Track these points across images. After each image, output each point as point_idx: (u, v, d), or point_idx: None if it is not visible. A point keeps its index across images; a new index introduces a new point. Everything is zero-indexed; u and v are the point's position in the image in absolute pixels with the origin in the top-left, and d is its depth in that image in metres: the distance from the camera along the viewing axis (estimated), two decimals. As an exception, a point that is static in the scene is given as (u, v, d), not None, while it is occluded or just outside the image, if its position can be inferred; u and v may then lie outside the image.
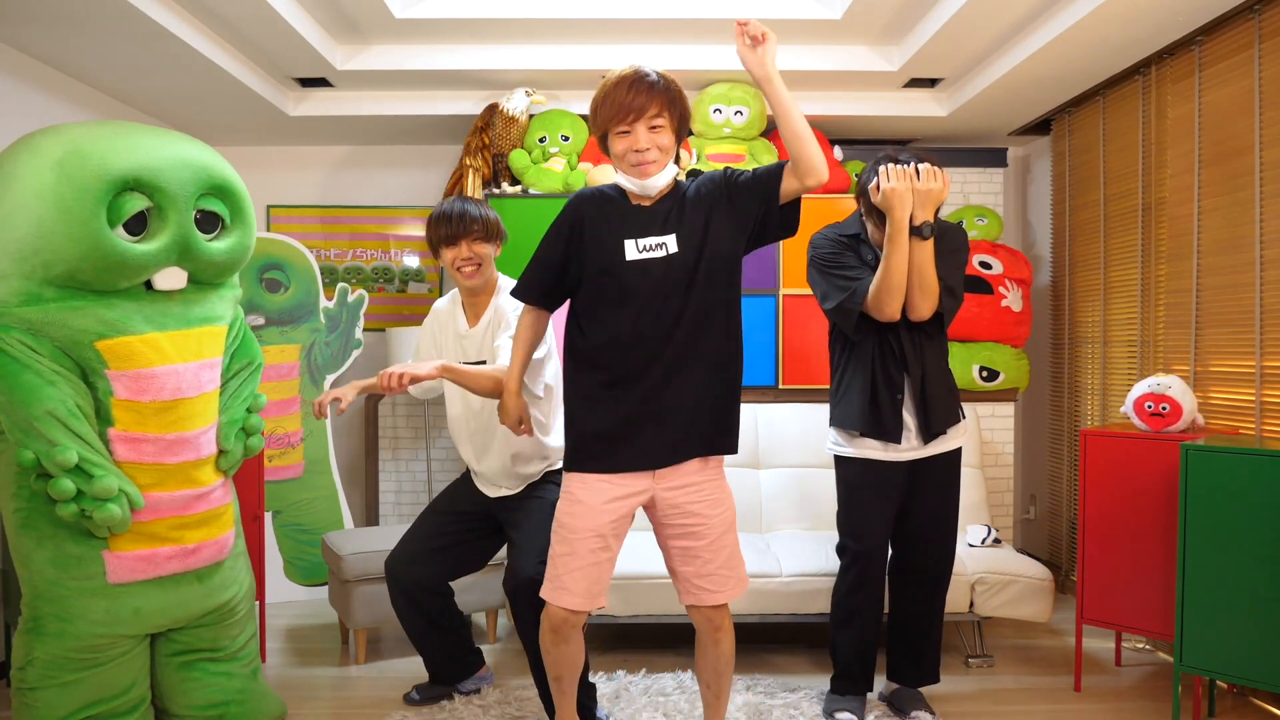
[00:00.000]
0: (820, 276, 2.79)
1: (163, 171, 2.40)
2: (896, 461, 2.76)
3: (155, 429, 2.43)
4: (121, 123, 2.54)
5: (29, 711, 2.38)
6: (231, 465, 2.64)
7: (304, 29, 3.46)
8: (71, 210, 2.26)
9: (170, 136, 2.55)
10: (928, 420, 2.72)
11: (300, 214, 4.84)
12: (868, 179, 2.69)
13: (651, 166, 2.16)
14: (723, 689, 2.36)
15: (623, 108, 2.12)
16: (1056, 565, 4.37)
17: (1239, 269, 3.18)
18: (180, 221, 2.43)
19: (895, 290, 2.61)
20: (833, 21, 3.62)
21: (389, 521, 4.72)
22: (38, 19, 3.01)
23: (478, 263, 2.72)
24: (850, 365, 2.80)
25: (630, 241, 2.18)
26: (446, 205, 2.75)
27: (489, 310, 2.77)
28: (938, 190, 2.60)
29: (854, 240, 2.80)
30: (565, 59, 3.91)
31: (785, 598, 3.24)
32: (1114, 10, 3.07)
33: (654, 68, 2.19)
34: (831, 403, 2.88)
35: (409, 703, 2.98)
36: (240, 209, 2.63)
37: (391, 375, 2.41)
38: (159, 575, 2.46)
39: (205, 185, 2.50)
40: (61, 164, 2.29)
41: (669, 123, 2.15)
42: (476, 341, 2.77)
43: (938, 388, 2.75)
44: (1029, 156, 4.92)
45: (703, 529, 2.22)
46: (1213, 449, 2.70)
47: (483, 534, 2.86)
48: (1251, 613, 2.61)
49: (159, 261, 2.42)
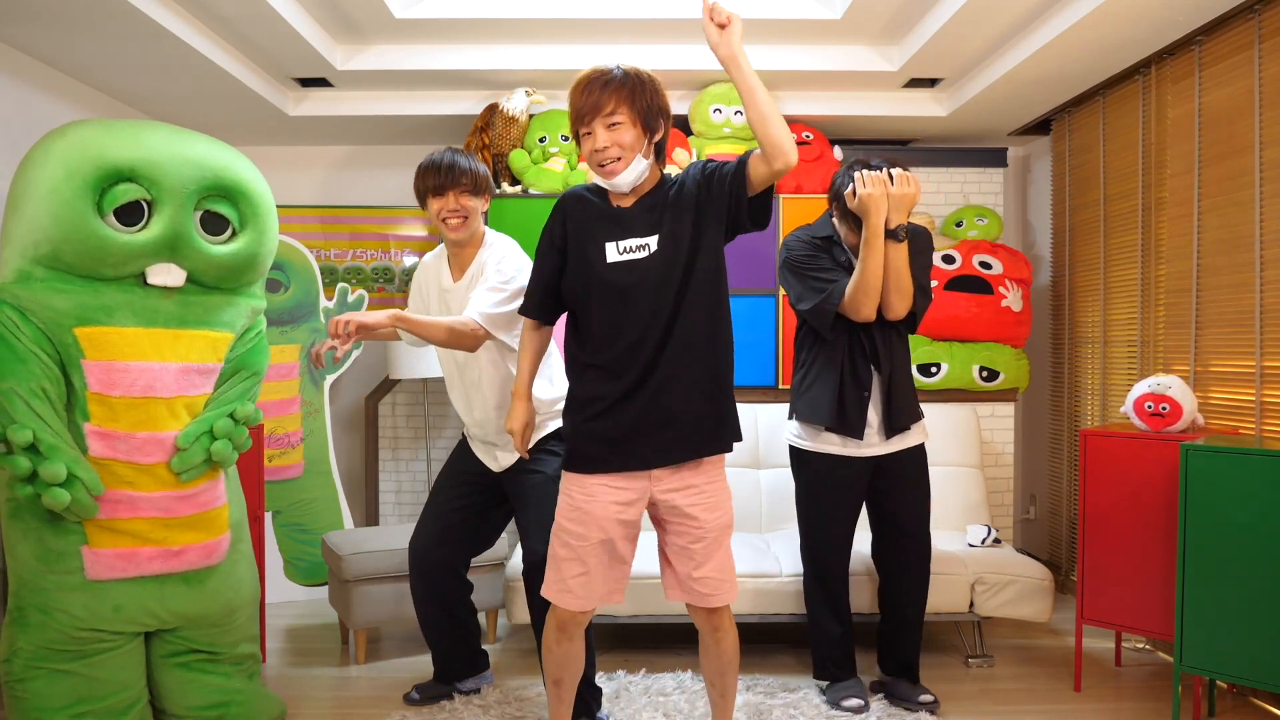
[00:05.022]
0: (794, 278, 2.86)
1: (162, 165, 2.42)
2: (857, 457, 2.83)
3: (126, 426, 2.43)
4: (147, 123, 2.56)
5: (20, 704, 2.39)
6: (186, 468, 2.49)
7: (304, 29, 3.46)
8: (60, 191, 2.33)
9: (190, 138, 2.56)
10: (891, 417, 2.81)
11: (300, 214, 4.83)
12: (842, 184, 2.77)
13: (616, 164, 2.13)
14: (727, 688, 2.36)
15: (578, 110, 2.13)
16: (1056, 565, 4.37)
17: (1239, 269, 3.18)
18: (175, 217, 2.44)
19: (872, 293, 2.70)
20: (833, 21, 3.62)
21: (389, 521, 4.72)
22: (38, 19, 3.01)
23: (464, 215, 2.70)
24: (818, 361, 2.87)
25: (611, 244, 2.18)
26: (436, 155, 2.72)
27: (473, 264, 2.74)
28: (911, 194, 2.68)
29: (826, 242, 2.88)
30: (565, 59, 3.91)
31: (785, 598, 3.24)
32: (1114, 10, 3.07)
33: (623, 64, 2.16)
34: (794, 395, 2.94)
35: (409, 703, 2.98)
36: (254, 214, 2.61)
37: (339, 322, 2.39)
38: (140, 575, 2.45)
39: (211, 186, 2.50)
40: (63, 150, 2.37)
41: (629, 117, 2.11)
42: (460, 295, 2.73)
43: (902, 385, 2.85)
44: (1029, 156, 4.91)
45: (699, 531, 2.22)
46: (1213, 449, 2.70)
47: (492, 503, 2.86)
48: (1251, 613, 2.61)
49: (146, 253, 2.42)
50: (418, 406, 4.71)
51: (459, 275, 2.77)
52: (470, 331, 2.54)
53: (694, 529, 2.21)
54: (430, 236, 4.79)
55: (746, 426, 3.92)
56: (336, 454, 4.37)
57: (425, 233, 4.81)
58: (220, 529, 2.61)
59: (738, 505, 3.74)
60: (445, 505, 2.86)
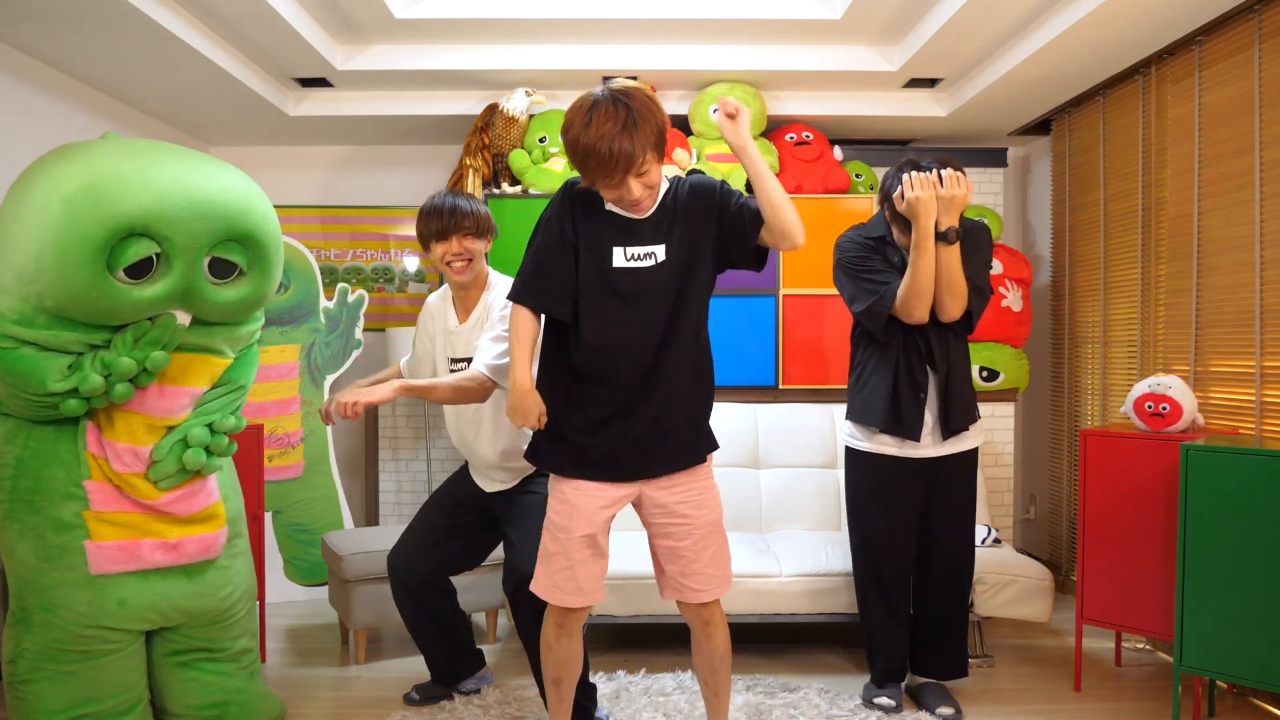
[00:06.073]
0: (848, 279, 2.82)
1: (177, 222, 2.26)
2: (913, 458, 2.79)
3: (108, 433, 2.43)
4: (154, 147, 2.38)
5: (22, 705, 2.39)
6: (161, 478, 2.46)
7: (304, 29, 3.46)
8: (69, 254, 2.18)
9: (201, 173, 2.37)
10: (948, 418, 2.77)
11: (300, 214, 4.83)
12: (891, 186, 2.72)
13: (648, 203, 2.15)
14: (720, 686, 2.35)
15: (607, 162, 2.02)
16: (1056, 565, 4.37)
17: (1239, 269, 3.18)
18: (186, 272, 2.32)
19: (923, 295, 2.65)
20: (833, 21, 3.62)
21: (389, 521, 4.72)
22: (38, 19, 3.01)
23: (468, 258, 2.70)
24: (873, 361, 2.82)
25: (619, 249, 2.16)
26: (437, 199, 2.72)
27: (479, 306, 2.75)
28: (962, 196, 2.63)
29: (879, 242, 2.82)
30: (565, 59, 3.91)
31: (785, 598, 3.24)
32: (1114, 10, 3.07)
33: (617, 91, 2.06)
34: (850, 395, 2.91)
35: (409, 703, 2.98)
36: (261, 257, 2.47)
37: (345, 405, 2.42)
38: (142, 568, 2.46)
39: (224, 234, 2.36)
40: (70, 200, 2.19)
41: (654, 157, 2.07)
42: (465, 337, 2.74)
43: (960, 386, 2.79)
44: (1029, 156, 4.91)
45: (686, 529, 2.22)
46: (1213, 449, 2.70)
47: (480, 527, 2.86)
48: (1251, 613, 2.61)
49: (156, 307, 2.34)
50: (418, 406, 4.71)
51: (464, 317, 2.78)
52: (478, 385, 2.55)
53: (681, 526, 2.22)
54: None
55: (746, 426, 3.93)
56: (336, 454, 4.37)
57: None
58: (218, 524, 2.62)
59: (738, 505, 3.76)
60: (430, 523, 2.86)
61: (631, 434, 2.16)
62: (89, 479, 2.42)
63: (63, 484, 2.40)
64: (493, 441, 2.70)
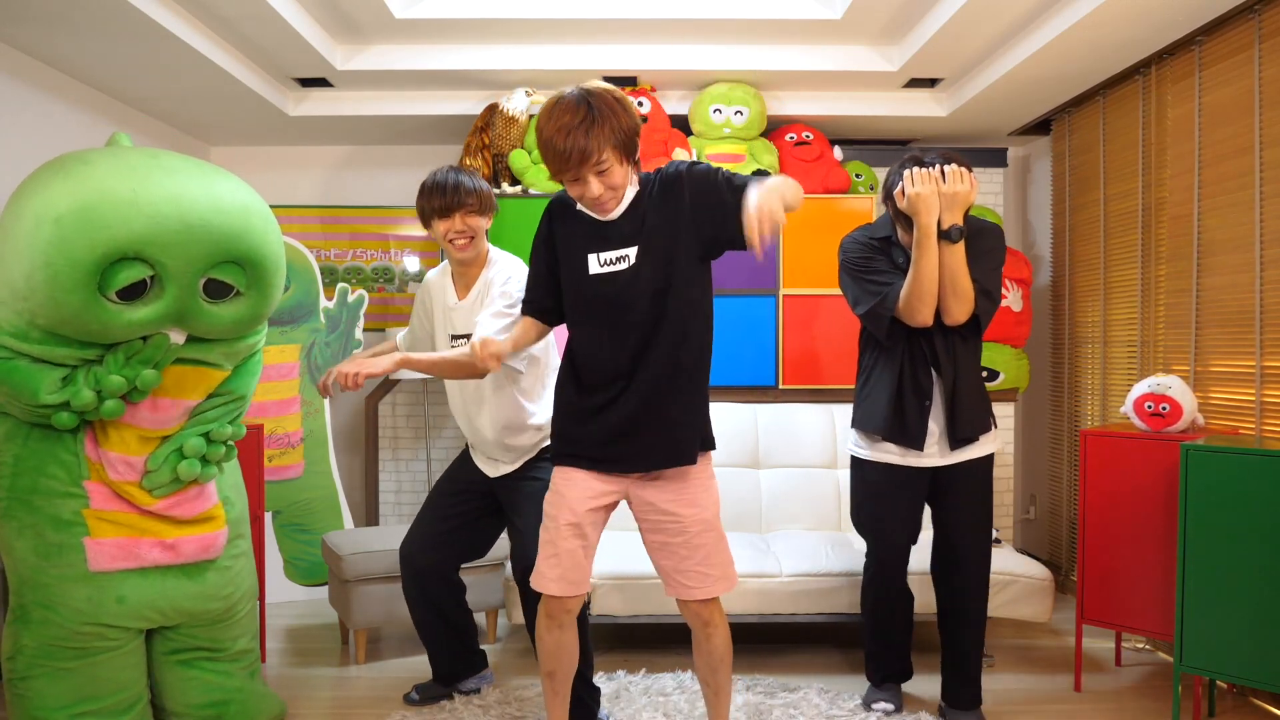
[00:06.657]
0: (851, 281, 2.74)
1: (170, 246, 2.20)
2: (916, 467, 2.72)
3: (102, 442, 2.44)
4: (151, 161, 2.31)
5: (21, 702, 2.39)
6: (155, 486, 2.46)
7: (304, 29, 3.46)
8: (60, 277, 2.14)
9: (201, 185, 2.31)
10: (955, 427, 2.66)
11: (300, 214, 4.83)
12: (893, 183, 2.64)
13: (610, 204, 2.14)
14: (720, 685, 2.35)
15: (563, 157, 2.03)
16: (1056, 565, 4.37)
17: (1239, 269, 3.18)
18: (180, 295, 2.29)
19: (926, 296, 2.56)
20: (833, 21, 3.62)
21: (389, 521, 4.72)
22: (37, 19, 3.01)
23: (470, 235, 2.68)
24: (878, 366, 2.74)
25: (593, 255, 2.19)
26: (440, 175, 2.69)
27: (479, 283, 2.73)
28: (965, 192, 2.54)
29: (885, 243, 2.74)
30: (565, 59, 3.91)
31: (785, 598, 3.24)
32: (1114, 10, 3.07)
33: (584, 91, 2.06)
34: (855, 402, 2.84)
35: (409, 703, 2.98)
36: (259, 278, 2.42)
37: (347, 375, 2.40)
38: (141, 566, 2.46)
39: (220, 257, 2.31)
40: (61, 222, 2.13)
41: (615, 156, 2.06)
42: (465, 313, 2.73)
43: (968, 394, 2.68)
44: (1029, 156, 4.91)
45: (676, 526, 2.23)
46: (1213, 449, 2.70)
47: (486, 512, 2.86)
48: (1251, 613, 2.61)
49: (149, 327, 2.32)
50: (418, 406, 4.71)
51: (464, 294, 2.77)
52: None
53: (672, 524, 2.23)
54: (430, 237, 4.79)
55: (746, 426, 3.93)
56: (336, 454, 4.37)
57: (425, 233, 4.80)
58: (217, 525, 2.61)
59: (738, 505, 3.76)
60: (439, 511, 2.86)
61: (614, 430, 2.20)
62: (88, 479, 2.42)
63: (62, 483, 2.40)
64: (494, 417, 2.70)
